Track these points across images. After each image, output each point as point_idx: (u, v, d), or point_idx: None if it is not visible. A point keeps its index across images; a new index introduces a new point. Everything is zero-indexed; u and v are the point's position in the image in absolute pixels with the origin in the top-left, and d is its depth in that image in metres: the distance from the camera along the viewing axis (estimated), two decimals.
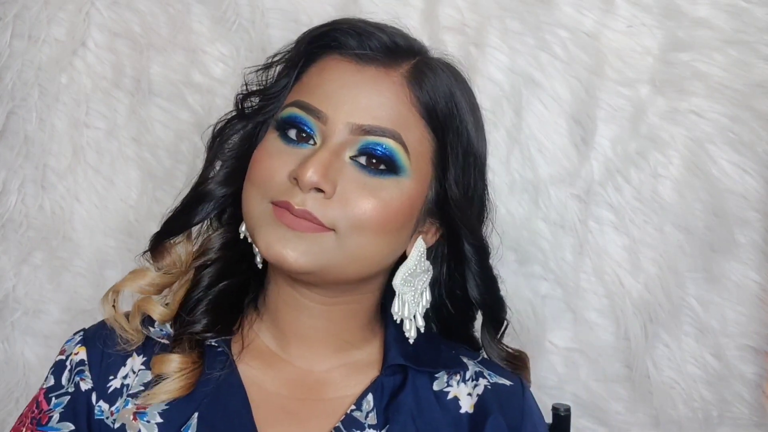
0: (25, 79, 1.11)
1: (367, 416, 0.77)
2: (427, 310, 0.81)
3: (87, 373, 0.78)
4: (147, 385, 0.78)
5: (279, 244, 0.71)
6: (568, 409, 0.95)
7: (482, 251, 0.80)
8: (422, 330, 0.80)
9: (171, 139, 1.14)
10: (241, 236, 0.80)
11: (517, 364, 0.85)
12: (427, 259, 0.80)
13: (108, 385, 0.78)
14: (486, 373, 0.82)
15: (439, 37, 1.08)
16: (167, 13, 1.12)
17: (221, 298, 0.81)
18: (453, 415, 0.79)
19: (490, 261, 0.82)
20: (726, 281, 1.10)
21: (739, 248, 1.10)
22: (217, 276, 0.81)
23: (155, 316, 0.80)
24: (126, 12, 1.12)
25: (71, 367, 0.79)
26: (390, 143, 0.72)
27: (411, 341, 0.79)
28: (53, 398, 0.79)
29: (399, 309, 0.78)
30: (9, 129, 1.12)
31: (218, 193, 0.80)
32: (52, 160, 1.13)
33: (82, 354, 0.79)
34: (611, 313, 1.11)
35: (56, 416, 0.77)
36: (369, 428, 0.76)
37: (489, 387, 0.80)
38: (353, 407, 0.77)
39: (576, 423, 1.04)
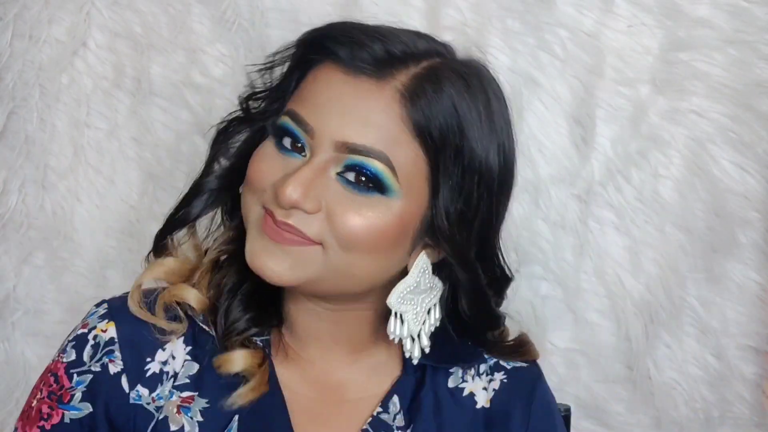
0: (25, 79, 1.11)
1: (394, 418, 0.77)
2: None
3: (117, 353, 0.75)
4: (194, 379, 0.76)
5: (263, 255, 0.70)
6: (568, 410, 0.95)
7: (475, 277, 0.75)
8: (427, 351, 0.76)
9: (171, 140, 1.14)
10: None
11: (523, 350, 0.83)
12: (435, 274, 0.76)
13: (146, 368, 0.75)
14: (503, 361, 0.82)
15: (440, 37, 1.08)
16: (168, 14, 1.12)
17: (253, 293, 0.78)
18: (469, 411, 0.79)
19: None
20: (727, 281, 1.10)
21: (740, 248, 1.10)
22: (238, 274, 0.78)
23: (194, 303, 0.77)
24: (126, 12, 1.12)
25: (96, 343, 0.76)
26: (376, 165, 0.68)
27: (414, 362, 0.76)
28: (75, 375, 0.75)
29: (395, 329, 0.74)
30: (10, 129, 1.12)
31: (213, 185, 0.78)
32: (53, 160, 1.13)
33: (111, 331, 0.76)
34: (612, 313, 1.11)
35: (78, 395, 0.75)
36: (397, 430, 0.77)
37: (506, 380, 0.81)
38: (380, 409, 0.77)
39: (577, 424, 1.04)
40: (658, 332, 1.10)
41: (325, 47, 0.72)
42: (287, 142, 0.72)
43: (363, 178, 0.69)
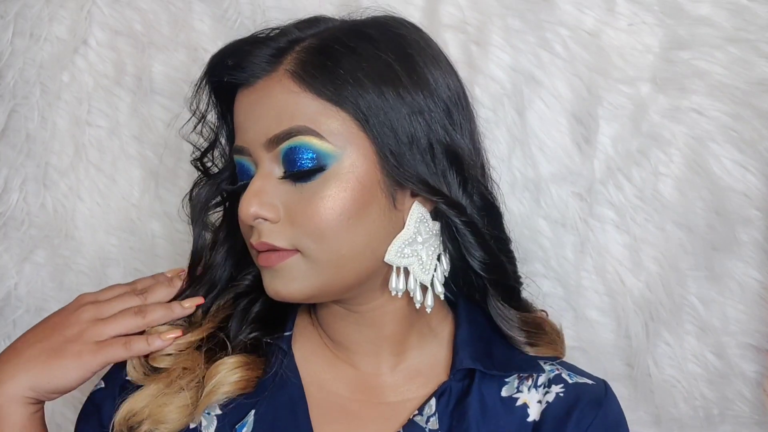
0: (26, 77, 1.11)
1: (428, 421, 0.76)
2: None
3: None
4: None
5: (271, 285, 0.73)
6: None
7: (459, 211, 0.74)
8: (441, 297, 0.77)
9: (173, 138, 1.14)
10: None
11: (532, 332, 0.81)
12: (435, 220, 0.76)
13: None
14: (565, 374, 0.79)
15: (440, 36, 1.08)
16: (168, 12, 1.12)
17: (263, 313, 0.81)
18: (519, 423, 0.76)
19: (472, 216, 0.75)
20: (727, 279, 1.10)
21: (741, 246, 1.10)
22: (250, 300, 0.81)
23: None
24: (127, 10, 1.12)
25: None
26: (302, 139, 0.70)
27: (428, 311, 0.76)
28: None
29: (396, 284, 0.74)
30: (11, 127, 1.12)
31: (225, 276, 0.81)
32: (54, 159, 1.13)
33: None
34: (612, 311, 1.11)
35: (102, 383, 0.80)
36: None
37: (562, 394, 0.77)
38: (416, 412, 0.76)
39: None
40: (659, 330, 1.10)
41: (223, 78, 0.75)
42: (245, 177, 0.75)
43: (301, 166, 0.70)
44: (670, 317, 1.10)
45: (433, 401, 0.76)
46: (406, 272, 0.74)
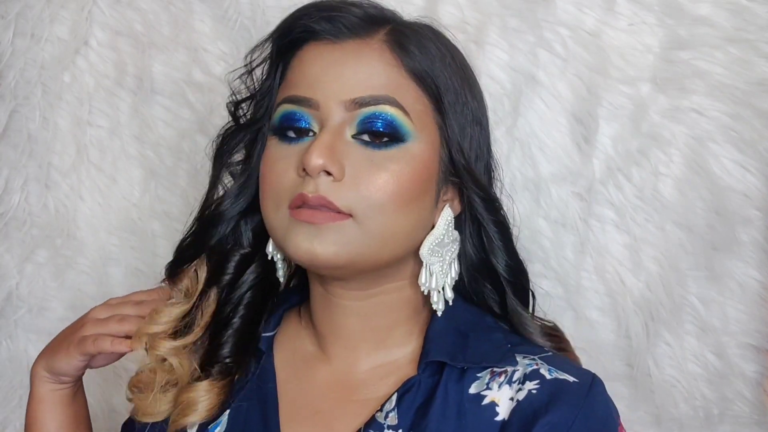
0: (27, 77, 1.11)
1: (387, 416, 0.73)
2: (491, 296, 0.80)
3: None
4: None
5: (306, 242, 0.70)
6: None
7: (494, 207, 0.77)
8: (450, 303, 0.77)
9: (173, 138, 1.14)
10: (269, 257, 0.79)
11: (555, 336, 0.80)
12: (454, 228, 0.77)
13: None
14: (544, 369, 0.71)
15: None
16: (169, 12, 1.12)
17: (246, 321, 0.80)
18: (486, 423, 0.70)
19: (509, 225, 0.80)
20: (727, 279, 1.10)
21: (741, 246, 1.09)
22: (239, 300, 0.81)
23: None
24: (128, 11, 1.12)
25: None
26: (387, 109, 0.70)
27: (439, 314, 0.76)
28: None
29: (426, 280, 0.75)
30: (12, 128, 1.12)
31: (233, 212, 0.79)
32: (56, 159, 1.14)
33: None
34: (612, 311, 1.11)
35: None
36: (388, 429, 0.72)
37: (535, 391, 0.69)
38: (379, 408, 0.74)
39: None
40: (659, 330, 1.10)
41: (304, 29, 0.74)
42: (291, 133, 0.73)
43: (378, 134, 0.71)
44: (670, 317, 1.10)
45: (394, 397, 0.73)
46: (430, 271, 0.75)
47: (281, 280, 0.82)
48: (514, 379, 0.72)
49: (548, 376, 0.71)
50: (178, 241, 0.82)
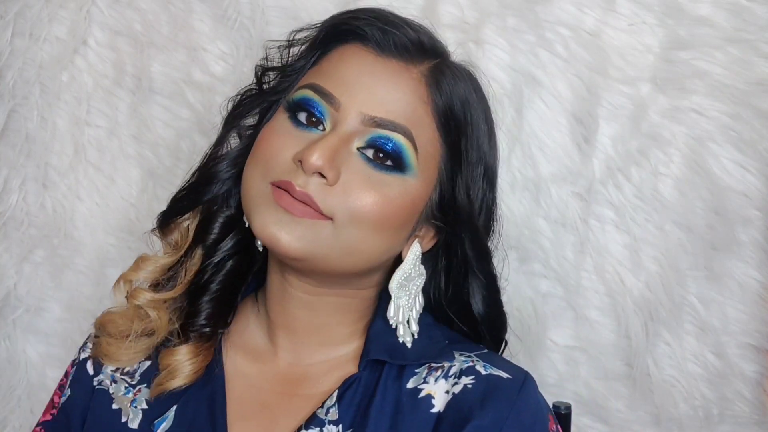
0: (26, 77, 1.11)
1: (327, 412, 0.74)
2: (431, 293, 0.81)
3: (89, 344, 0.85)
4: (144, 374, 0.80)
5: (275, 226, 0.70)
6: (568, 408, 0.95)
7: (486, 258, 0.79)
8: (416, 336, 0.78)
9: (172, 137, 1.14)
10: (246, 224, 0.78)
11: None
12: (422, 263, 0.79)
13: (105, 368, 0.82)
14: (480, 366, 0.74)
15: (439, 34, 1.08)
16: (168, 12, 1.12)
17: (225, 288, 0.81)
18: (423, 415, 0.72)
19: (495, 272, 0.81)
20: (727, 279, 1.10)
21: (741, 246, 1.10)
22: (220, 265, 0.81)
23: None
24: (127, 10, 1.12)
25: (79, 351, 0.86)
26: (400, 139, 0.71)
27: (409, 345, 0.77)
28: (73, 368, 0.85)
29: (395, 314, 0.77)
30: (10, 127, 1.12)
31: (226, 174, 0.79)
32: (54, 159, 1.13)
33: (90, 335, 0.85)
34: (612, 311, 1.11)
35: (67, 382, 0.84)
36: (329, 424, 0.73)
37: (470, 386, 0.72)
38: (320, 405, 0.75)
39: (577, 421, 1.04)
40: (658, 330, 1.10)
41: (356, 29, 0.75)
42: (302, 116, 0.73)
43: (382, 155, 0.71)
44: (669, 317, 1.10)
45: (335, 393, 0.75)
46: (398, 305, 0.77)
47: (260, 249, 0.82)
48: (451, 373, 0.74)
49: (483, 372, 0.73)
50: (173, 193, 0.83)
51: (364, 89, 0.72)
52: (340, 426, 0.73)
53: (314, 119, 0.73)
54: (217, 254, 0.81)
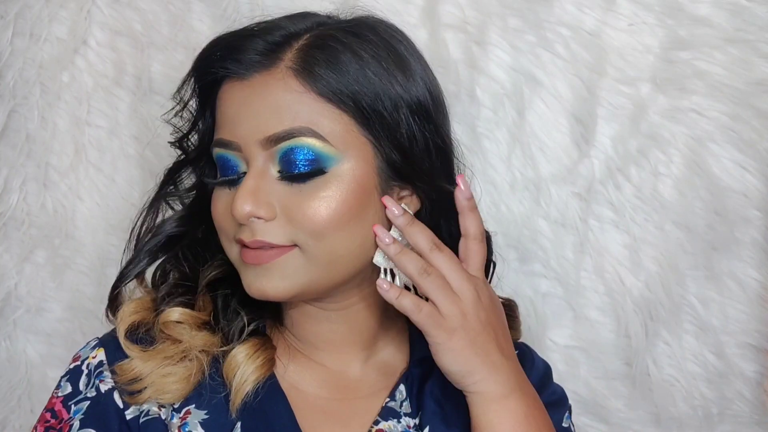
0: (26, 77, 1.11)
1: (401, 405, 0.78)
2: None
3: (107, 373, 0.75)
4: (191, 394, 0.75)
5: (256, 282, 0.72)
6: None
7: (449, 198, 0.76)
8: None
9: (171, 137, 1.14)
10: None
11: (509, 314, 0.83)
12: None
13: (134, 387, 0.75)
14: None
15: (440, 35, 1.08)
16: (168, 12, 1.12)
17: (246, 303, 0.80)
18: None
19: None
20: (727, 279, 1.10)
21: (740, 246, 1.10)
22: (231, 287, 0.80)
23: (179, 318, 0.78)
24: (127, 10, 1.12)
25: (89, 371, 0.76)
26: (306, 142, 0.70)
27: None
28: (72, 405, 0.75)
29: (384, 284, 0.73)
30: (10, 127, 1.12)
31: (168, 229, 0.82)
32: (54, 159, 1.13)
33: (100, 356, 0.77)
34: (612, 310, 1.11)
35: (76, 424, 0.73)
36: (405, 416, 0.78)
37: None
38: (388, 399, 0.79)
39: (576, 420, 1.04)
40: (658, 329, 1.11)
41: (213, 70, 0.74)
42: (225, 174, 0.75)
43: (300, 169, 0.70)
44: (669, 317, 1.10)
45: (402, 387, 0.79)
46: (392, 273, 0.75)
47: None
48: None
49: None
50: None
51: (248, 118, 0.71)
52: (412, 419, 0.78)
53: (231, 173, 0.74)
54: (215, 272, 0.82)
